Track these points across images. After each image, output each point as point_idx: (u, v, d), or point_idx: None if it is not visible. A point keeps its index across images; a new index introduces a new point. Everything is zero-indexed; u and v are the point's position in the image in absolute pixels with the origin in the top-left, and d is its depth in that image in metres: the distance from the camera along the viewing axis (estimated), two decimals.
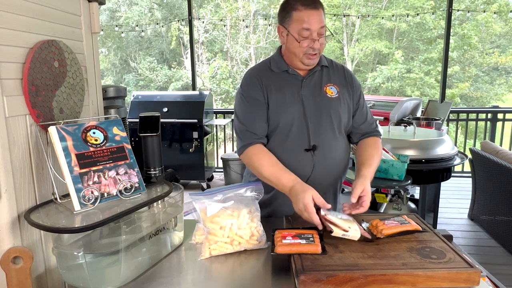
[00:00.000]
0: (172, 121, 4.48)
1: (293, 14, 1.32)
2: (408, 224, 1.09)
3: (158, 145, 1.22)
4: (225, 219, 1.08)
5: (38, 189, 1.06)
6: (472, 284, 0.89)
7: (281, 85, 1.39)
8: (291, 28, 1.33)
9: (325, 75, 1.44)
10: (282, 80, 1.40)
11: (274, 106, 1.38)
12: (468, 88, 12.68)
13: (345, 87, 1.45)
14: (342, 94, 1.43)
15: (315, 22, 1.29)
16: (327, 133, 1.39)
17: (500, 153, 3.17)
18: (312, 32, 1.30)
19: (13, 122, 0.98)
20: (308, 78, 1.41)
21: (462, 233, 3.39)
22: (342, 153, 1.45)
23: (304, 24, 1.29)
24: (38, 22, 1.08)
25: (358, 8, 12.75)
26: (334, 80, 1.44)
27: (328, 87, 1.42)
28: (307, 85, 1.40)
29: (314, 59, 1.36)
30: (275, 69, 1.42)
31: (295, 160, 1.36)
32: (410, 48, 13.25)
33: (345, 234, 1.02)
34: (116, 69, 14.63)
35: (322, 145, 1.38)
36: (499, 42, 12.95)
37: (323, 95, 1.40)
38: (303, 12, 1.30)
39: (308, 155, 1.37)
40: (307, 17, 1.29)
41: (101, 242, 1.02)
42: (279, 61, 1.43)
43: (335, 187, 1.48)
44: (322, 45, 1.34)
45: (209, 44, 13.45)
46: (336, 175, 1.45)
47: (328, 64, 1.47)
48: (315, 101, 1.39)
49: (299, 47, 1.33)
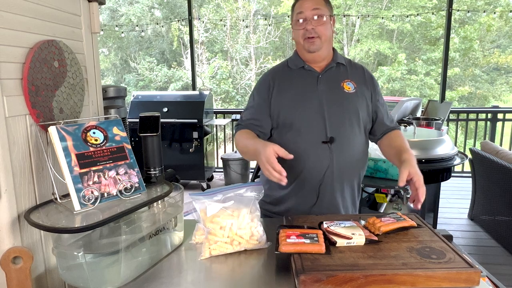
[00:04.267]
0: (172, 121, 4.48)
1: (294, 7, 1.44)
2: (404, 221, 1.11)
3: (158, 145, 1.22)
4: (225, 219, 1.08)
5: (38, 189, 1.06)
6: (472, 284, 0.89)
7: (298, 81, 1.45)
8: (292, 20, 1.44)
9: (343, 71, 1.48)
10: (299, 76, 1.46)
11: (288, 101, 1.42)
12: (468, 89, 12.68)
13: (364, 85, 1.48)
14: (360, 90, 1.45)
15: (308, 6, 1.38)
16: (345, 126, 1.40)
17: (500, 153, 3.17)
18: (306, 16, 1.38)
19: (13, 122, 0.98)
20: (324, 74, 1.45)
21: (462, 233, 3.39)
22: (360, 147, 1.45)
23: (298, 9, 1.40)
24: (38, 22, 1.08)
25: (358, 8, 12.75)
26: (351, 77, 1.47)
27: (345, 83, 1.45)
28: (324, 81, 1.44)
29: (315, 44, 1.39)
30: (293, 67, 1.48)
31: (313, 153, 1.37)
32: (411, 48, 13.25)
33: (349, 242, 1.02)
34: (117, 69, 14.64)
35: (340, 138, 1.39)
36: (499, 42, 12.95)
37: (340, 90, 1.43)
38: (299, 1, 1.42)
39: (326, 147, 1.38)
40: (301, 3, 1.40)
41: (101, 242, 1.02)
42: (295, 59, 1.49)
43: (353, 182, 1.48)
44: (321, 31, 1.39)
45: (209, 44, 13.45)
46: (355, 169, 1.45)
47: (346, 63, 1.50)
48: (332, 95, 1.42)
49: (297, 32, 1.41)
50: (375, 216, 1.13)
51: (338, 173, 1.40)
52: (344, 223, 1.10)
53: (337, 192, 1.43)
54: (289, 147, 1.35)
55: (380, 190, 3.05)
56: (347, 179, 1.44)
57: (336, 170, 1.39)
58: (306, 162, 1.37)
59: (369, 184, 2.46)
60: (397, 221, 1.10)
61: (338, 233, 1.04)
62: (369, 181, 2.34)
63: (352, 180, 1.47)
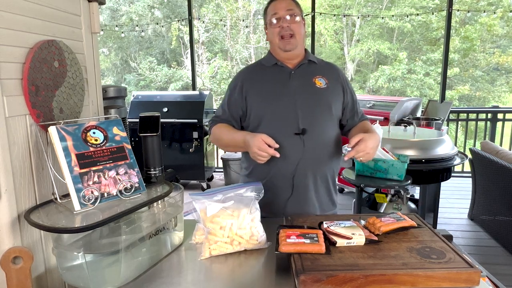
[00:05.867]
0: (172, 121, 4.47)
1: (267, 11, 1.53)
2: (404, 221, 1.11)
3: (158, 145, 1.22)
4: (225, 219, 1.08)
5: (38, 189, 1.06)
6: (472, 284, 0.89)
7: (271, 77, 1.52)
8: (267, 22, 1.53)
9: (314, 69, 1.56)
10: (272, 72, 1.53)
11: (262, 96, 1.50)
12: (468, 89, 12.68)
13: (336, 81, 1.55)
14: (331, 86, 1.53)
15: (281, 7, 1.47)
16: (317, 118, 1.47)
17: (500, 153, 3.17)
18: (280, 16, 1.47)
19: (13, 122, 0.98)
20: (297, 70, 1.53)
21: (462, 233, 3.39)
22: (333, 139, 1.51)
23: (272, 11, 1.49)
24: (38, 22, 1.08)
25: (359, 8, 12.74)
26: (323, 73, 1.55)
27: (317, 79, 1.52)
28: (296, 76, 1.51)
29: (290, 42, 1.47)
30: (267, 64, 1.56)
31: (286, 144, 1.42)
32: (411, 48, 13.25)
33: (349, 242, 1.02)
34: (117, 69, 14.65)
35: (312, 129, 1.45)
36: (499, 43, 12.95)
37: (312, 85, 1.51)
38: (272, 4, 1.51)
39: (298, 138, 1.44)
40: (274, 5, 1.49)
41: (101, 242, 1.02)
42: (269, 57, 1.58)
43: (327, 176, 1.52)
44: (296, 29, 1.47)
45: (209, 44, 13.46)
46: (327, 160, 1.50)
47: (317, 62, 1.59)
48: (304, 90, 1.49)
49: (273, 31, 1.49)
50: (375, 216, 1.13)
51: (310, 163, 1.45)
52: (344, 223, 1.11)
53: (311, 185, 1.48)
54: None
55: (380, 190, 3.05)
56: (319, 170, 1.49)
57: (309, 161, 1.45)
58: (281, 151, 1.41)
59: (369, 184, 2.46)
60: (397, 221, 1.10)
61: (338, 233, 1.04)
62: (369, 181, 2.34)
63: (325, 173, 1.51)
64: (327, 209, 1.56)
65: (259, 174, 1.49)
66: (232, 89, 1.56)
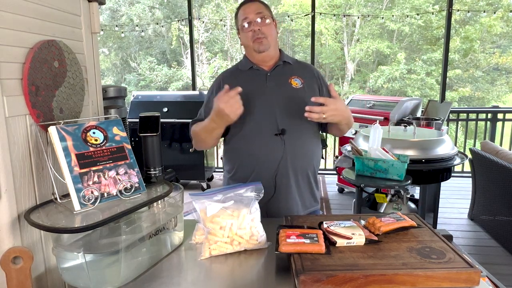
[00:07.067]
0: (172, 121, 4.47)
1: (238, 16, 1.55)
2: (404, 221, 1.11)
3: (158, 145, 1.22)
4: (225, 219, 1.08)
5: (38, 189, 1.06)
6: (472, 284, 0.89)
7: (247, 80, 1.54)
8: (238, 26, 1.55)
9: (289, 69, 1.58)
10: (249, 76, 1.56)
11: (240, 100, 1.51)
12: (468, 90, 12.67)
13: (312, 80, 1.58)
14: (307, 86, 1.55)
15: (251, 11, 1.50)
16: (295, 118, 1.48)
17: (500, 153, 3.17)
18: (251, 19, 1.49)
19: (13, 122, 0.98)
20: (272, 72, 1.56)
21: (462, 233, 3.39)
22: (311, 137, 1.55)
23: (243, 16, 1.52)
24: (38, 22, 1.08)
25: (359, 8, 12.75)
26: (298, 73, 1.58)
27: (293, 79, 1.55)
28: (272, 78, 1.55)
29: (263, 44, 1.50)
30: (243, 68, 1.60)
31: (267, 145, 1.47)
32: (411, 48, 13.25)
33: (349, 242, 1.02)
34: (117, 69, 14.65)
35: (291, 129, 1.48)
36: (499, 43, 12.95)
37: (288, 85, 1.54)
38: (241, 8, 1.54)
39: (278, 139, 1.47)
40: (244, 9, 1.52)
41: (101, 242, 1.02)
42: (245, 61, 1.61)
43: (308, 173, 1.55)
44: (267, 31, 1.50)
45: (209, 44, 13.46)
46: (308, 158, 1.53)
47: (292, 62, 1.61)
48: (281, 91, 1.53)
49: (245, 36, 1.52)
50: (375, 216, 1.13)
51: (291, 162, 1.48)
52: (344, 223, 1.10)
53: (293, 183, 1.50)
54: (244, 141, 1.51)
55: (380, 190, 3.05)
56: (301, 168, 1.52)
57: (290, 159, 1.48)
58: (261, 154, 1.47)
59: (369, 184, 2.46)
60: (397, 221, 1.10)
61: (338, 233, 1.04)
62: (369, 181, 2.34)
63: (306, 170, 1.54)
64: (310, 205, 1.58)
65: (242, 175, 1.51)
66: (211, 93, 1.58)
